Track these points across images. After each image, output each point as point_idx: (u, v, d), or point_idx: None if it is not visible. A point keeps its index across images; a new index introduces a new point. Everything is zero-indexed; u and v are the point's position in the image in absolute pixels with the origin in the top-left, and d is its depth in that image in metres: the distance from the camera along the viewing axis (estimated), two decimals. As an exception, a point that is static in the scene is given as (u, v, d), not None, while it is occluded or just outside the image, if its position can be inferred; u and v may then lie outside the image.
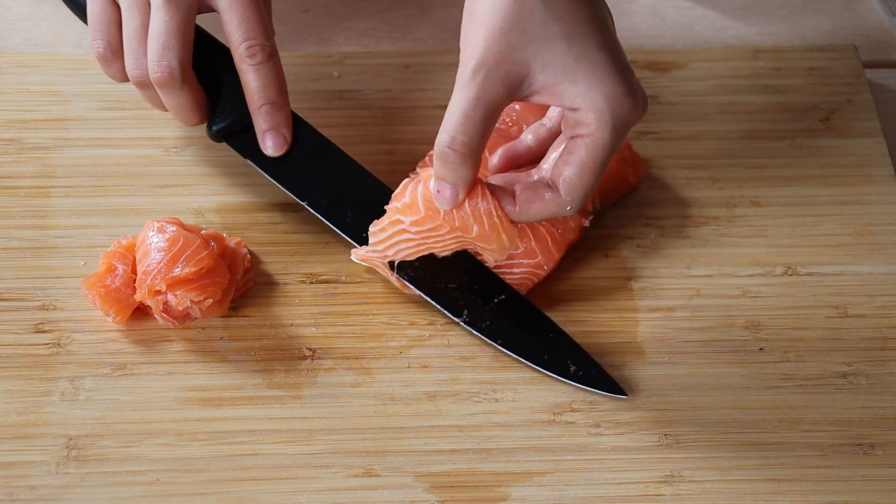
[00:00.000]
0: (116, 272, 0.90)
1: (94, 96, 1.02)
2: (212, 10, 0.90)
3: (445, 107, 1.01)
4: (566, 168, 0.80)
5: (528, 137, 0.90)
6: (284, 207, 0.97)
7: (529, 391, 0.88)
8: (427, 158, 0.97)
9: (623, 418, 0.87)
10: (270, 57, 0.90)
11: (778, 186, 1.00)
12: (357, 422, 0.86)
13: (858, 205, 0.98)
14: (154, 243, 0.89)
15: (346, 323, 0.91)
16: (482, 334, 0.89)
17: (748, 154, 1.02)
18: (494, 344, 0.88)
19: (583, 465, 0.85)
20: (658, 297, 0.93)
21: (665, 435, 0.86)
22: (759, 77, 1.07)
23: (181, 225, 0.91)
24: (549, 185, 0.82)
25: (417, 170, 0.97)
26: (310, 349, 0.89)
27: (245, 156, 0.93)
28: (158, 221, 0.90)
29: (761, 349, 0.91)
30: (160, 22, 0.88)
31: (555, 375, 0.88)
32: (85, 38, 1.11)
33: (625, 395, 0.87)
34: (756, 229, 0.97)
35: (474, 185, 0.82)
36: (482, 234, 0.83)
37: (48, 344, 0.89)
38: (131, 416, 0.86)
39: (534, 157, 0.89)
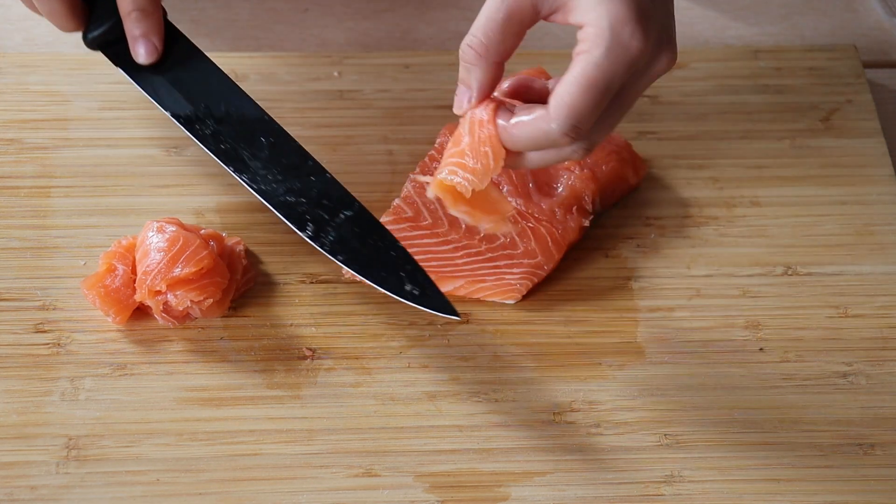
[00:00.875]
0: (116, 272, 0.90)
1: (94, 96, 1.02)
2: None
3: (445, 106, 1.03)
4: (558, 85, 0.77)
5: (549, 81, 0.83)
6: (284, 207, 0.97)
7: (529, 391, 0.88)
8: (427, 159, 0.97)
9: (623, 418, 0.87)
10: None
11: (778, 186, 1.00)
12: (357, 422, 0.86)
13: (858, 205, 0.98)
14: (154, 243, 0.89)
15: (346, 323, 0.91)
16: (324, 249, 0.87)
17: (748, 154, 1.02)
18: (335, 259, 0.87)
19: (583, 465, 0.85)
20: (658, 297, 0.93)
21: (665, 435, 0.86)
22: (759, 77, 1.07)
23: (181, 225, 0.91)
24: (543, 106, 0.78)
25: (417, 170, 0.97)
26: (310, 349, 0.89)
27: (118, 65, 0.92)
28: (158, 221, 0.90)
29: (761, 349, 0.91)
30: None
31: (390, 293, 0.85)
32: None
33: (458, 316, 0.85)
34: (756, 229, 0.97)
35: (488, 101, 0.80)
36: (471, 145, 0.80)
37: (48, 344, 0.89)
38: (131, 416, 0.86)
39: (545, 98, 0.82)
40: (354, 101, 1.03)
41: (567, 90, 0.76)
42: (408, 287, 0.86)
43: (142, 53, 0.91)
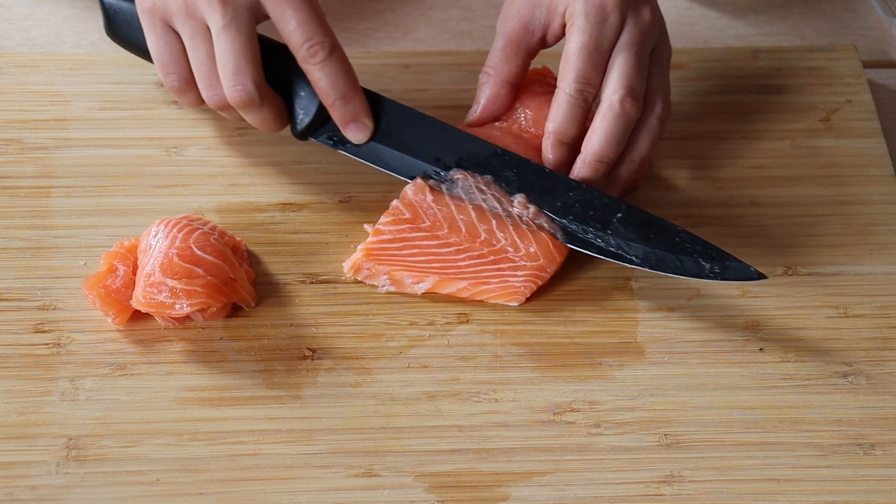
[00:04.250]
0: (117, 273, 0.90)
1: (94, 96, 1.02)
2: (266, 17, 0.90)
3: (445, 107, 1.03)
4: (560, 62, 0.93)
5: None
6: (284, 207, 0.97)
7: (529, 391, 0.88)
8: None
9: (623, 418, 0.87)
10: (332, 51, 0.90)
11: (778, 186, 1.00)
12: (357, 422, 0.86)
13: (858, 205, 0.98)
14: (156, 245, 0.89)
15: (346, 323, 0.91)
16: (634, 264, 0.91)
17: (748, 154, 1.02)
18: (640, 267, 0.91)
19: (583, 465, 0.85)
20: (658, 297, 0.93)
21: (665, 435, 0.86)
22: (759, 77, 1.07)
23: (190, 223, 0.91)
24: None
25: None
26: (310, 349, 0.89)
27: (334, 146, 0.94)
28: (165, 220, 0.91)
29: (761, 349, 0.91)
30: (226, 47, 0.89)
31: (696, 278, 0.90)
32: (85, 38, 1.11)
33: (765, 276, 0.89)
34: (756, 229, 0.97)
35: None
36: None
37: (48, 344, 0.89)
38: (131, 416, 0.86)
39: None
40: (354, 101, 1.03)
41: (564, 58, 0.93)
42: (707, 266, 0.89)
43: (353, 137, 0.94)
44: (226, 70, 0.89)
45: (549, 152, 0.94)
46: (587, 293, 0.93)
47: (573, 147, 0.94)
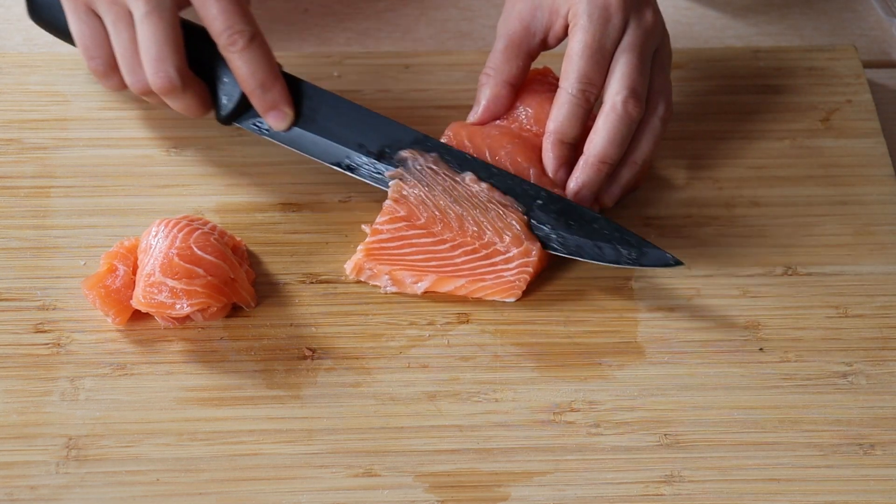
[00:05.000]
0: (117, 273, 0.90)
1: (94, 96, 1.02)
2: (188, 3, 0.91)
3: (446, 107, 1.03)
4: (563, 61, 0.94)
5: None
6: (284, 207, 0.97)
7: (529, 391, 0.88)
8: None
9: (623, 418, 0.87)
10: (251, 40, 0.91)
11: (778, 186, 1.00)
12: (357, 422, 0.86)
13: (858, 205, 0.98)
14: (156, 245, 0.89)
15: (346, 323, 0.91)
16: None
17: (748, 154, 1.02)
18: (553, 251, 0.91)
19: (583, 465, 0.85)
20: (658, 297, 0.93)
21: (665, 435, 0.86)
22: (759, 77, 1.06)
23: (190, 223, 0.91)
24: None
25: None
26: (310, 349, 0.89)
27: (258, 132, 0.95)
28: (164, 220, 0.91)
29: (761, 349, 0.91)
30: (149, 33, 0.89)
31: (613, 265, 0.91)
32: (85, 38, 1.11)
33: (682, 263, 0.90)
34: (756, 229, 0.97)
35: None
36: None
37: (48, 344, 0.89)
38: (131, 416, 0.86)
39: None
40: (354, 101, 1.03)
41: (566, 58, 0.93)
42: (625, 252, 0.90)
43: (275, 123, 0.94)
44: (148, 57, 0.89)
45: (550, 151, 0.94)
46: (587, 293, 0.93)
47: (573, 147, 0.94)
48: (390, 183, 0.93)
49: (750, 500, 0.84)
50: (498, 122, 0.97)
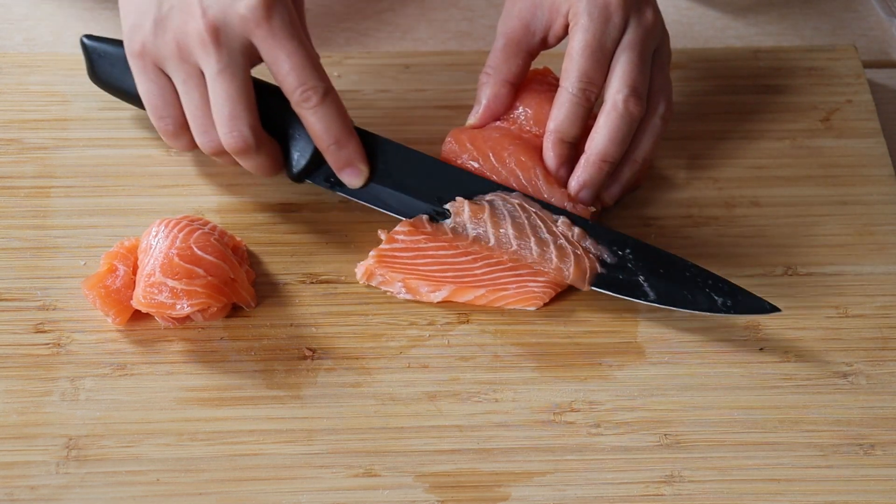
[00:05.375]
0: (117, 273, 0.90)
1: (94, 96, 1.02)
2: (260, 60, 0.89)
3: (446, 107, 1.03)
4: (563, 61, 0.94)
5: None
6: (284, 207, 0.97)
7: (529, 391, 0.88)
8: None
9: (623, 418, 0.87)
10: (325, 96, 0.89)
11: (778, 186, 1.00)
12: (357, 422, 0.86)
13: (858, 205, 0.98)
14: (156, 245, 0.89)
15: (346, 323, 0.91)
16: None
17: (748, 154, 1.02)
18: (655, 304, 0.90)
19: (583, 465, 0.85)
20: (658, 297, 0.93)
21: (665, 435, 0.86)
22: (759, 77, 1.07)
23: (190, 223, 0.91)
24: None
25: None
26: (310, 349, 0.89)
27: (331, 188, 0.94)
28: (164, 220, 0.90)
29: (761, 349, 0.91)
30: (221, 92, 0.88)
31: (707, 313, 0.90)
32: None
33: (779, 310, 0.89)
34: (756, 229, 0.97)
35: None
36: None
37: (48, 344, 0.89)
38: (131, 416, 0.86)
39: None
40: (354, 101, 1.03)
41: (567, 57, 0.93)
42: (719, 301, 0.89)
43: (350, 181, 0.93)
44: (221, 116, 0.88)
45: (550, 150, 0.94)
46: (587, 293, 0.93)
47: (574, 146, 0.94)
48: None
49: (750, 500, 0.84)
50: (497, 123, 0.97)
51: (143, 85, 0.90)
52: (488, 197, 0.93)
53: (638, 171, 0.95)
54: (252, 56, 0.88)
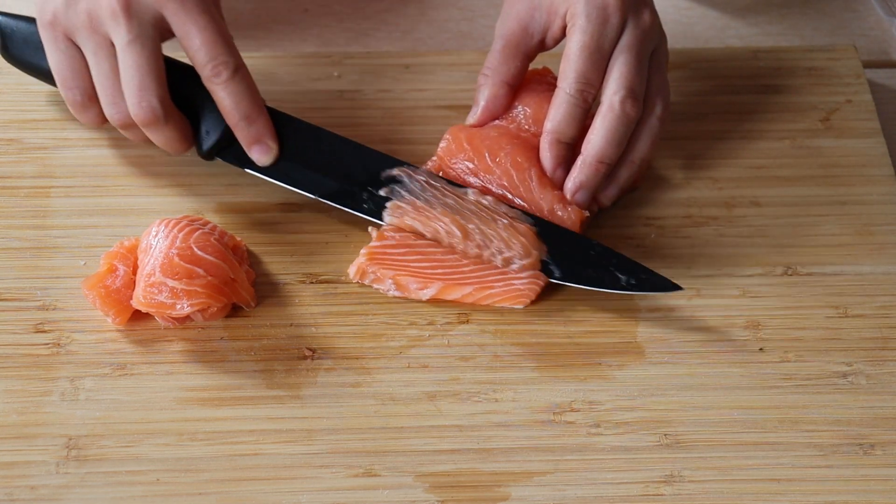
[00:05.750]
0: (117, 273, 0.90)
1: (94, 96, 1.02)
2: (171, 34, 0.91)
3: (446, 107, 1.03)
4: (561, 62, 0.94)
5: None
6: (284, 207, 0.97)
7: (529, 391, 0.88)
8: (429, 163, 0.97)
9: (623, 418, 0.87)
10: (236, 71, 0.91)
11: (778, 186, 1.00)
12: (357, 422, 0.86)
13: (858, 205, 0.98)
14: (156, 245, 0.89)
15: (346, 323, 0.91)
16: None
17: (748, 154, 1.02)
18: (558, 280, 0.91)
19: (583, 465, 0.85)
20: (658, 297, 0.93)
21: (665, 435, 0.86)
22: (759, 77, 1.07)
23: (190, 223, 0.91)
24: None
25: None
26: (310, 349, 0.89)
27: (241, 166, 0.94)
28: (165, 220, 0.90)
29: (761, 349, 0.91)
30: (131, 63, 0.89)
31: (612, 290, 0.91)
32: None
33: (681, 288, 0.90)
34: (756, 229, 0.97)
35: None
36: None
37: (48, 344, 0.89)
38: (131, 416, 0.86)
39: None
40: (354, 101, 1.03)
41: (564, 58, 0.93)
42: (623, 279, 0.90)
43: (257, 158, 0.93)
44: (130, 86, 0.89)
45: (547, 151, 0.94)
46: (587, 293, 0.93)
47: (571, 147, 0.94)
48: (387, 204, 0.93)
49: (750, 500, 0.84)
50: (496, 122, 0.97)
51: (53, 55, 0.91)
52: (395, 172, 0.93)
53: (635, 173, 0.95)
54: (163, 29, 0.89)
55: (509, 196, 0.94)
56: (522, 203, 0.94)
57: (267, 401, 0.87)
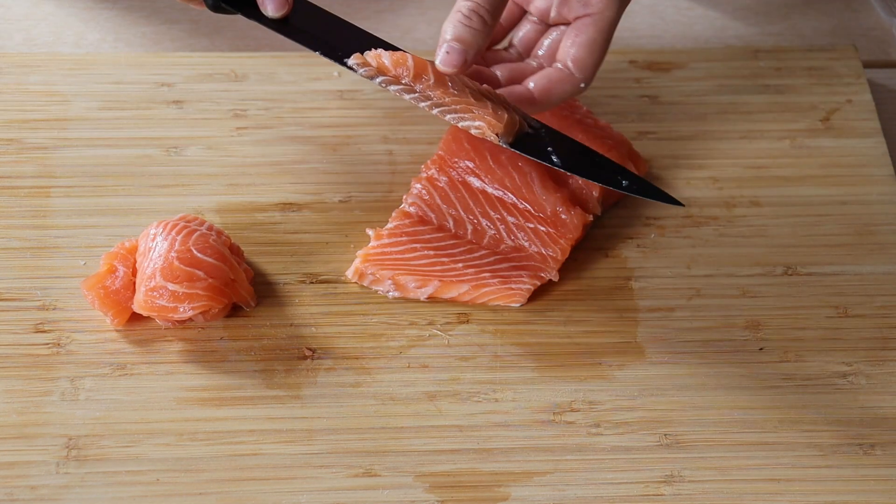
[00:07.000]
0: (117, 273, 0.90)
1: (94, 96, 1.02)
2: None
3: (445, 107, 1.02)
4: (574, 49, 0.90)
5: (512, 49, 0.96)
6: (284, 207, 0.97)
7: (529, 391, 0.88)
8: (428, 162, 0.97)
9: (623, 418, 0.87)
10: None
11: (778, 186, 1.00)
12: (357, 422, 0.86)
13: (858, 205, 0.98)
14: (155, 248, 0.89)
15: (346, 323, 0.91)
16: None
17: (748, 154, 1.02)
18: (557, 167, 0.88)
19: (583, 465, 0.85)
20: (658, 297, 0.93)
21: (665, 435, 0.86)
22: (759, 77, 1.07)
23: (187, 224, 0.91)
24: (560, 69, 0.90)
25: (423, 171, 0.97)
26: (310, 349, 0.89)
27: (247, 16, 0.90)
28: (163, 222, 0.90)
29: (761, 349, 0.91)
30: None
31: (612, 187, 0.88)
32: (85, 38, 1.11)
33: (682, 204, 0.89)
34: (756, 229, 0.97)
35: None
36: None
37: (48, 344, 0.89)
38: (131, 416, 0.86)
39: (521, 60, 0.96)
40: (354, 101, 1.03)
41: (589, 52, 0.89)
42: (624, 182, 0.88)
43: (271, 8, 0.90)
44: None
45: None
46: (587, 293, 0.93)
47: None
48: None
49: (750, 500, 0.84)
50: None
51: None
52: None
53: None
54: None
55: (511, 197, 0.94)
56: (525, 205, 0.94)
57: (267, 401, 0.87)
